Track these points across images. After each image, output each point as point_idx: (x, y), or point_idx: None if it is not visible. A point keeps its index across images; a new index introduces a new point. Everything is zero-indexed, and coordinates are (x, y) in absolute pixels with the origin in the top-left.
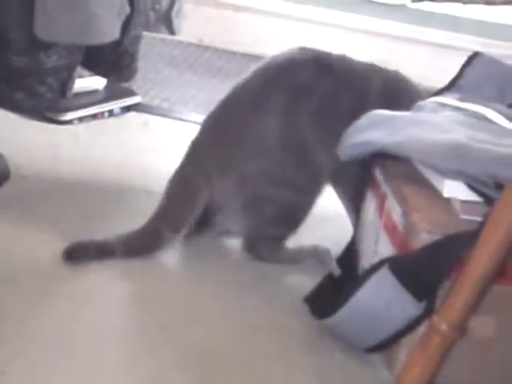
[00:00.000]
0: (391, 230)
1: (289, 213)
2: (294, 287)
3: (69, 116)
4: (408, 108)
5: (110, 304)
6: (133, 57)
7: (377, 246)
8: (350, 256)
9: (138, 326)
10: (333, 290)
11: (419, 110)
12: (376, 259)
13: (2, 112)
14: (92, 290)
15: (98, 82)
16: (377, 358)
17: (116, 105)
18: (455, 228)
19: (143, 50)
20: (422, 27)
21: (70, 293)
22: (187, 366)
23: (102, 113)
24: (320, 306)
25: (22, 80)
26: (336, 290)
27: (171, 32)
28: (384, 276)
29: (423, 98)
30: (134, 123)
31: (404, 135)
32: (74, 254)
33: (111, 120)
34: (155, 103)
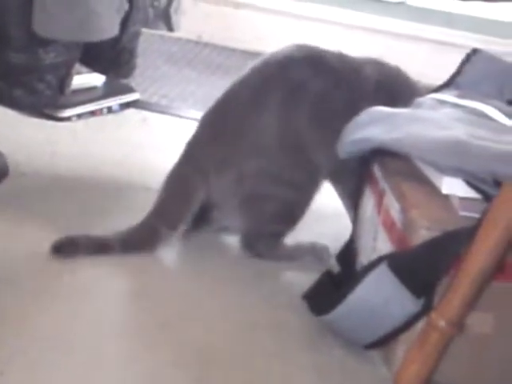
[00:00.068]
0: (389, 226)
1: (286, 210)
2: (292, 284)
3: (67, 113)
4: (407, 104)
5: (109, 300)
6: (131, 53)
7: (375, 243)
8: (349, 253)
9: (136, 322)
10: (331, 286)
11: (418, 106)
12: (374, 256)
13: (0, 109)
14: (90, 287)
15: (96, 79)
16: (375, 354)
17: (115, 101)
18: (454, 225)
19: (142, 46)
20: (420, 24)
21: (68, 290)
22: (186, 363)
23: (101, 109)
24: (318, 302)
25: (20, 77)
26: (334, 286)
27: (170, 29)
28: (382, 273)
29: (422, 94)
30: (133, 120)
31: (403, 132)
32: (63, 248)
33: (110, 117)
34: (154, 100)
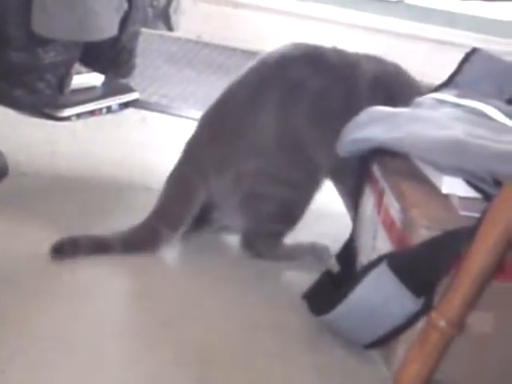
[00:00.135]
0: (389, 225)
1: (286, 209)
2: (293, 284)
3: (67, 112)
4: (407, 101)
5: (110, 300)
6: (131, 53)
7: (375, 242)
8: (349, 252)
9: (137, 322)
10: (331, 286)
11: (418, 106)
12: (374, 255)
13: (0, 109)
14: (91, 287)
15: (95, 79)
16: (375, 354)
17: (114, 101)
18: (454, 224)
19: (141, 46)
20: (420, 23)
21: (69, 289)
22: (187, 363)
23: (100, 109)
24: (318, 302)
25: (20, 77)
26: (334, 286)
27: (169, 28)
28: (382, 272)
29: (422, 92)
30: (132, 119)
31: (403, 131)
32: (63, 249)
33: (109, 116)
34: (153, 99)
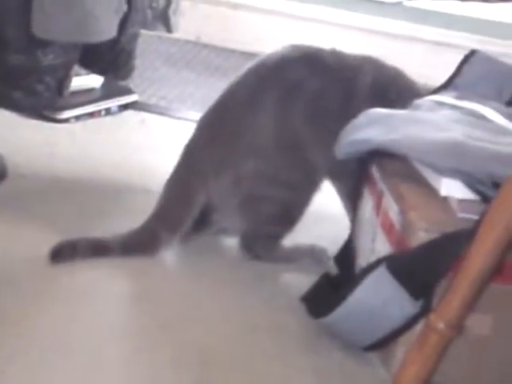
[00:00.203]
0: (388, 228)
1: (285, 211)
2: (291, 286)
3: (66, 114)
4: (405, 104)
5: (109, 302)
6: (130, 55)
7: (374, 244)
8: (347, 255)
9: (136, 324)
10: (330, 288)
11: (416, 108)
12: (373, 257)
13: None
14: (90, 289)
15: (95, 81)
16: (374, 356)
17: (113, 103)
18: (452, 226)
19: (140, 47)
20: (417, 25)
21: (67, 292)
22: (186, 365)
23: (99, 111)
24: (317, 305)
25: (19, 79)
26: (333, 288)
27: (168, 30)
28: (381, 274)
29: (421, 95)
30: (132, 121)
31: (401, 133)
32: (62, 252)
33: (108, 118)
34: (152, 101)
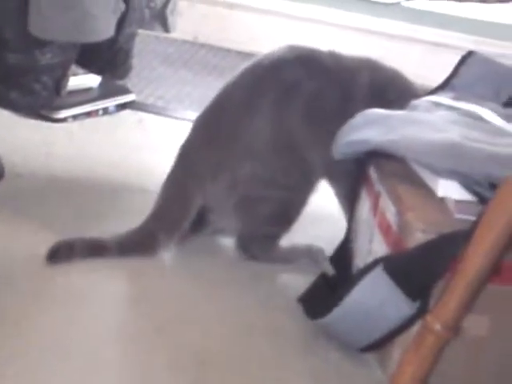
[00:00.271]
0: (385, 229)
1: (281, 211)
2: (288, 286)
3: (63, 114)
4: (403, 105)
5: (105, 304)
6: (127, 54)
7: (371, 245)
8: (344, 255)
9: (132, 326)
10: (327, 289)
11: (413, 109)
12: (370, 258)
13: None
14: (87, 290)
15: (92, 80)
16: (371, 357)
17: (110, 103)
18: (449, 227)
19: (138, 47)
20: (415, 25)
21: (64, 293)
22: (182, 367)
23: (97, 111)
24: (314, 306)
25: (17, 78)
26: (330, 289)
27: (166, 29)
28: (378, 275)
29: (419, 96)
30: (129, 121)
31: (399, 134)
32: (58, 253)
33: (106, 118)
34: (150, 101)
